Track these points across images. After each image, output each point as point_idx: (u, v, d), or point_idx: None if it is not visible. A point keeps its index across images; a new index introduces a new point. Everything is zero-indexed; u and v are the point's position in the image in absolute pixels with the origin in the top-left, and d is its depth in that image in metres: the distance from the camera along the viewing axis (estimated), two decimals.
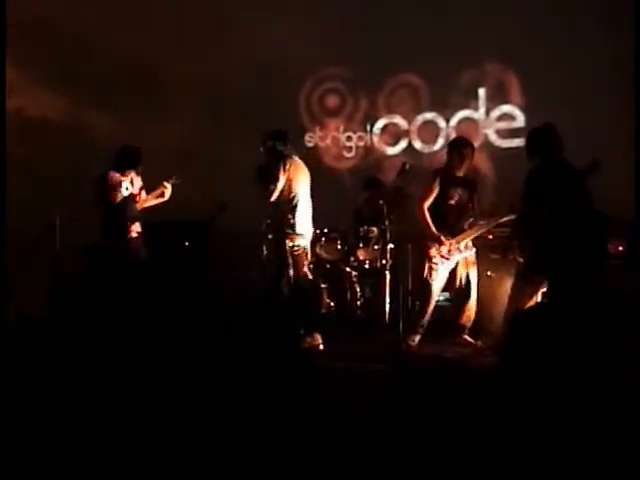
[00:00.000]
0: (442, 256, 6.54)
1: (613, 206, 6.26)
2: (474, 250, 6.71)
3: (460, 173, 6.66)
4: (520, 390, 4.44)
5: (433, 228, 6.57)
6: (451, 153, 6.74)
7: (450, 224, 6.60)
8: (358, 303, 7.48)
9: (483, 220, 6.64)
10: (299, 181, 6.48)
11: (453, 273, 6.67)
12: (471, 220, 6.64)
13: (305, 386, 4.81)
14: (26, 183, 8.36)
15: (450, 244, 6.53)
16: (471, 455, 3.64)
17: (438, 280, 6.61)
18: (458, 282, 6.66)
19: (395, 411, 4.31)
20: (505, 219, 6.47)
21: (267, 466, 3.52)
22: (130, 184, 6.92)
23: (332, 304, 7.41)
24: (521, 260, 5.97)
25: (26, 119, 8.93)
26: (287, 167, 6.38)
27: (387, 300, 7.11)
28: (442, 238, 6.50)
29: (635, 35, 7.49)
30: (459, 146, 6.74)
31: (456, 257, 6.60)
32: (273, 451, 3.67)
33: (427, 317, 6.66)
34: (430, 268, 6.58)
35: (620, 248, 6.70)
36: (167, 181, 7.03)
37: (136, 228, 6.89)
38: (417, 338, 6.63)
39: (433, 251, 6.54)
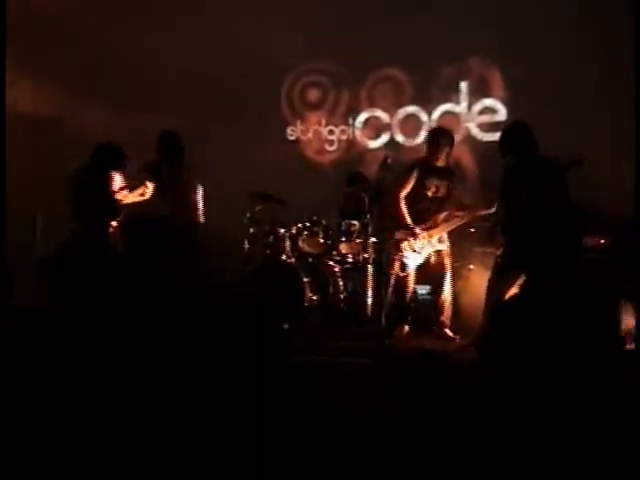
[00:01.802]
0: (414, 250, 6.59)
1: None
2: (447, 243, 6.71)
3: (439, 163, 6.65)
4: (502, 384, 4.59)
5: (409, 219, 6.60)
6: (429, 143, 6.77)
7: (426, 216, 6.64)
8: (341, 297, 7.44)
9: (460, 213, 6.62)
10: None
11: (429, 266, 6.70)
12: (447, 213, 6.63)
13: (290, 380, 4.80)
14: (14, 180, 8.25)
15: (423, 237, 6.56)
16: (452, 447, 3.71)
17: (409, 272, 6.67)
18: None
19: (381, 405, 4.33)
20: (482, 213, 6.49)
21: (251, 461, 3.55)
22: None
23: (315, 298, 7.35)
24: (498, 253, 5.96)
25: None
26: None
27: (369, 294, 7.13)
28: (417, 230, 6.55)
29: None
30: (436, 136, 6.77)
31: (427, 250, 6.62)
32: (260, 445, 3.70)
33: (408, 308, 6.76)
34: (401, 262, 6.64)
35: (602, 241, 6.68)
36: (149, 180, 7.00)
37: (114, 223, 6.94)
38: (404, 329, 6.73)
39: (405, 244, 6.58)
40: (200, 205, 7.13)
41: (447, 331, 6.66)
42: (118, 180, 6.98)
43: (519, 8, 7.92)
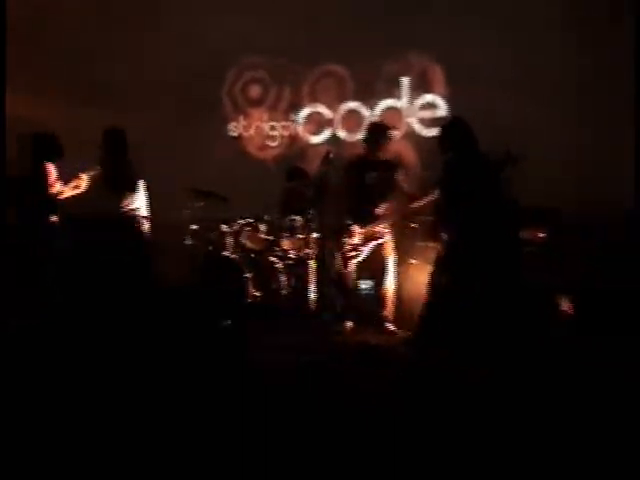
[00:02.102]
0: (354, 246, 6.55)
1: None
2: (390, 236, 6.65)
3: (378, 157, 6.62)
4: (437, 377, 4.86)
5: (349, 217, 6.58)
6: (367, 139, 6.72)
7: (366, 210, 6.56)
8: (284, 293, 7.40)
9: (400, 205, 6.56)
10: None
11: (372, 260, 6.66)
12: (386, 206, 6.55)
13: (234, 378, 4.87)
14: None
15: (363, 233, 6.53)
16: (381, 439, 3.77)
17: (352, 268, 6.64)
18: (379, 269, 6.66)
19: (319, 400, 4.41)
20: (420, 203, 6.37)
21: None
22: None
23: (258, 294, 7.34)
24: (440, 248, 5.93)
25: None
26: None
27: (311, 290, 7.07)
28: (356, 228, 6.53)
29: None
30: (374, 131, 6.73)
31: (369, 246, 6.60)
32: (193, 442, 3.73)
33: (350, 305, 6.74)
34: (343, 258, 6.61)
35: (540, 235, 6.67)
36: (83, 172, 6.83)
37: (52, 219, 6.76)
38: (347, 325, 6.68)
39: (346, 241, 6.56)
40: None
41: (389, 325, 6.61)
42: (54, 172, 6.82)
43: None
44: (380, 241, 6.59)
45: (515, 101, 7.60)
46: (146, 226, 6.96)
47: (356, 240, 6.54)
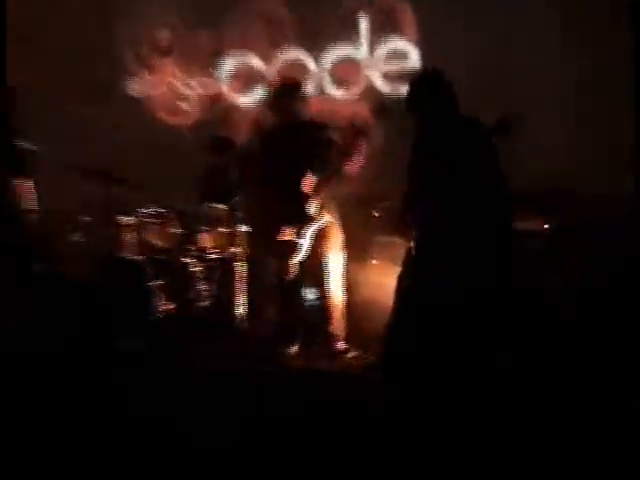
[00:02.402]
0: (289, 244, 5.66)
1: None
2: (333, 217, 5.69)
3: (288, 122, 5.74)
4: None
5: (274, 216, 5.70)
6: (274, 102, 5.96)
7: (293, 195, 5.58)
8: (204, 303, 6.49)
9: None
10: None
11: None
12: (313, 178, 5.56)
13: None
14: None
15: (294, 228, 5.64)
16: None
17: (294, 271, 5.76)
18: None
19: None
20: (352, 161, 5.54)
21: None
22: None
23: (171, 306, 6.40)
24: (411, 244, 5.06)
25: None
26: None
27: (239, 299, 6.21)
28: (286, 229, 5.62)
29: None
30: (282, 91, 5.89)
31: (309, 233, 5.66)
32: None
33: (295, 320, 5.85)
34: (279, 261, 5.79)
35: (545, 226, 6.46)
36: None
37: None
38: (294, 348, 5.77)
39: (281, 237, 5.65)
40: None
41: (339, 344, 5.68)
42: None
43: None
44: (320, 223, 5.62)
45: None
46: (31, 219, 6.23)
47: (288, 236, 5.64)
